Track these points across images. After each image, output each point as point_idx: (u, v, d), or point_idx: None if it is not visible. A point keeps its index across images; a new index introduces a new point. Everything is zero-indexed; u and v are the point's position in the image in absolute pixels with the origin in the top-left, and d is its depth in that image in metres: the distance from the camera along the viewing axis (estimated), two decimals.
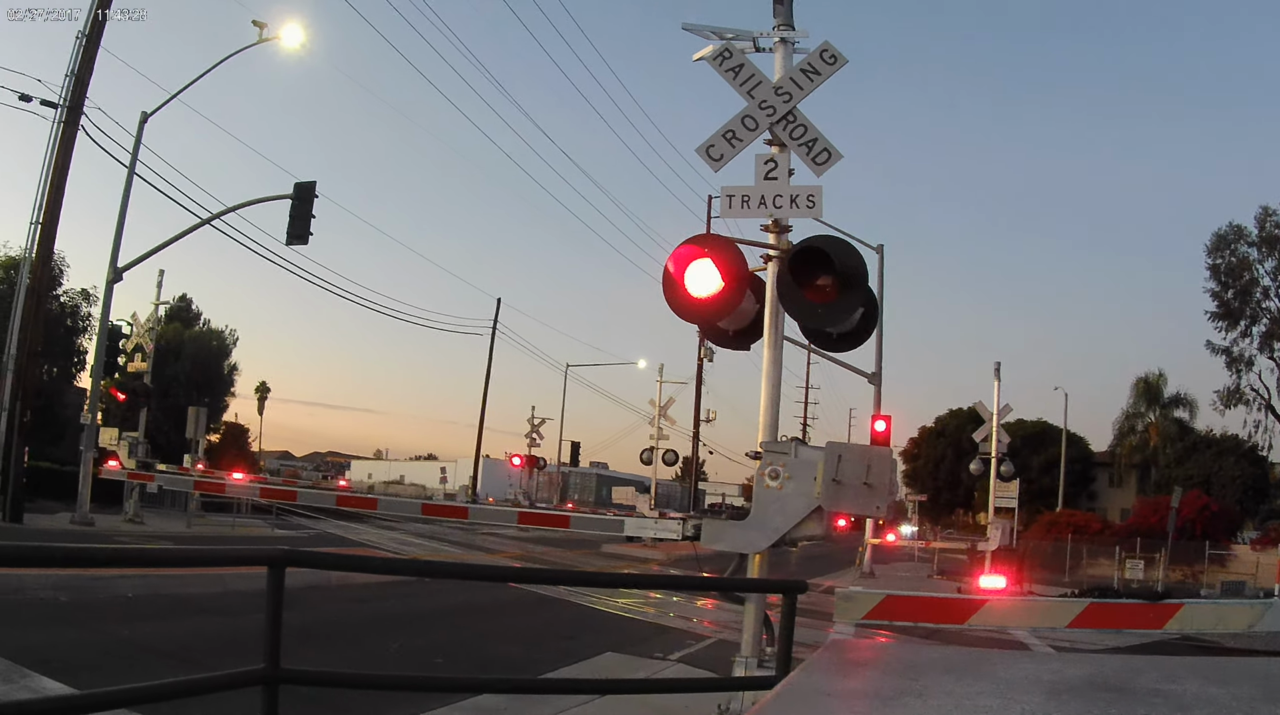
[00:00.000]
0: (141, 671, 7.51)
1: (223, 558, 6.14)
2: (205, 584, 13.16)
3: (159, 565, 12.23)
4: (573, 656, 10.62)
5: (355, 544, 26.85)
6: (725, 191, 7.44)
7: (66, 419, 33.32)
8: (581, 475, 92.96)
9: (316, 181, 23.77)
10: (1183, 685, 3.10)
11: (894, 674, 3.33)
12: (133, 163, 24.73)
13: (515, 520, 17.47)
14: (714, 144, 7.47)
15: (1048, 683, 3.17)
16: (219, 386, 48.70)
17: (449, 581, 16.67)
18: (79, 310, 38.42)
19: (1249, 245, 47.58)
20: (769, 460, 6.69)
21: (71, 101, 22.22)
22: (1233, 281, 48.54)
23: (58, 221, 22.73)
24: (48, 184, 22.28)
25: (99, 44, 22.58)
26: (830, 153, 7.33)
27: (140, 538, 22.02)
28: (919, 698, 2.85)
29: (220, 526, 27.05)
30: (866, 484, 6.44)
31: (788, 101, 7.46)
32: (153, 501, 28.16)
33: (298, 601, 5.25)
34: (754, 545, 6.85)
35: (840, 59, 7.54)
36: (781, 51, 7.77)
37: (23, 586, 11.48)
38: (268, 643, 4.78)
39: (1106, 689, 3.07)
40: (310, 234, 23.71)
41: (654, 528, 8.40)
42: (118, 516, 24.90)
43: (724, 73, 7.70)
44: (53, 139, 22.31)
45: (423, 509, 13.77)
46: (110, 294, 25.00)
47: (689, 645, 12.52)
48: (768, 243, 7.42)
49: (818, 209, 7.26)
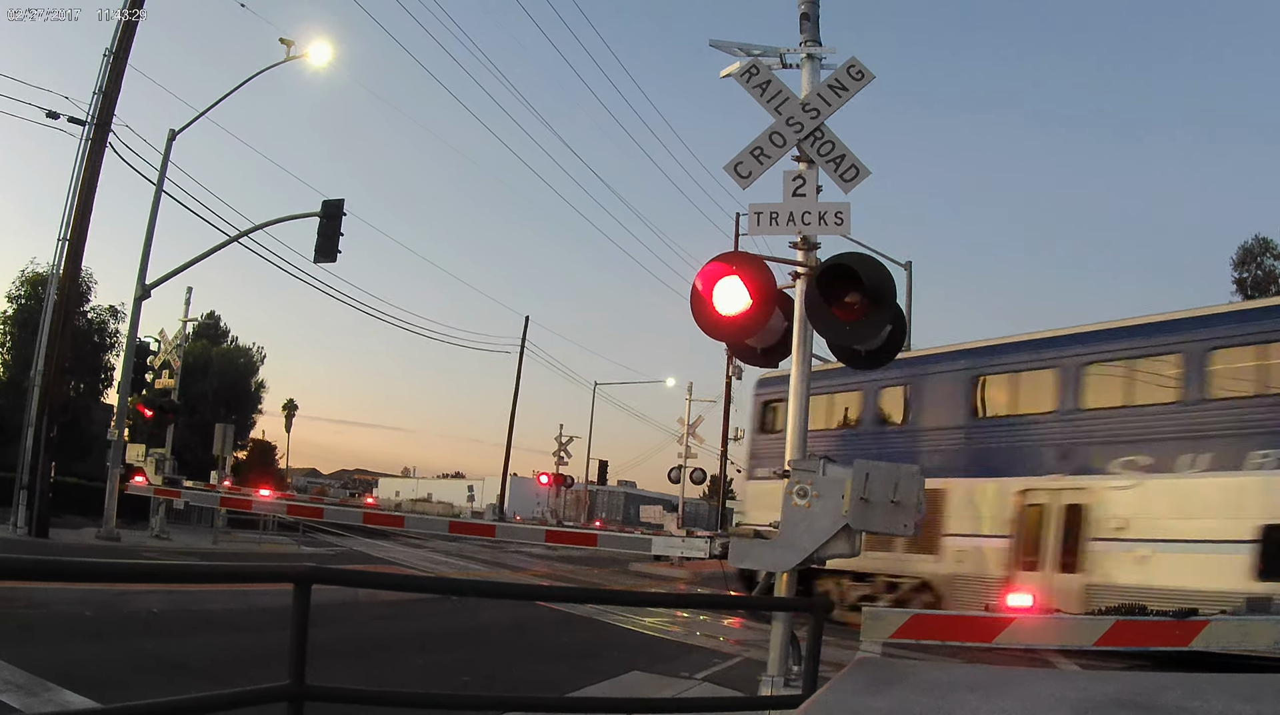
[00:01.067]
0: (166, 687, 7.50)
1: (248, 574, 6.13)
2: (230, 600, 13.17)
3: (184, 581, 12.24)
4: (598, 675, 10.54)
5: (382, 561, 26.91)
6: (753, 208, 7.40)
7: (93, 435, 33.55)
8: (609, 494, 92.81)
9: (344, 199, 23.81)
10: (1209, 702, 3.06)
11: (922, 693, 3.30)
12: (161, 180, 24.94)
13: (543, 538, 17.46)
14: (742, 161, 7.45)
15: (1074, 700, 3.14)
16: (246, 403, 49.00)
17: (476, 599, 16.69)
18: (107, 327, 38.78)
19: (1275, 258, 47.18)
20: (797, 478, 6.64)
21: (99, 118, 22.39)
22: (1259, 296, 48.12)
23: (85, 238, 22.84)
24: (75, 201, 22.43)
25: (126, 61, 22.77)
26: (858, 169, 7.30)
27: (166, 554, 22.10)
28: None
29: (246, 543, 27.14)
30: (894, 502, 6.38)
31: (815, 118, 7.43)
32: (179, 518, 28.32)
33: (324, 618, 5.23)
34: (782, 564, 6.79)
35: (867, 75, 7.50)
36: (809, 68, 7.75)
37: (48, 601, 11.53)
38: (293, 659, 4.76)
39: (1133, 707, 3.06)
40: (339, 252, 23.75)
41: (681, 546, 8.38)
42: (144, 532, 25.02)
43: (751, 89, 7.69)
44: (80, 156, 22.47)
45: (450, 527, 13.80)
46: (138, 311, 25.13)
47: (715, 664, 12.41)
48: (795, 260, 7.38)
49: (846, 226, 7.21)
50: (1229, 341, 15.34)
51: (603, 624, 15.85)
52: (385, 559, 27.85)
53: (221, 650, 10.50)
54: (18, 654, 8.53)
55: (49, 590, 11.62)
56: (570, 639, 14.22)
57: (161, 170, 25.00)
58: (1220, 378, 15.21)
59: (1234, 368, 15.28)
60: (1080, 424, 16.78)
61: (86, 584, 11.64)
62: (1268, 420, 14.44)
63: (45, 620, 10.89)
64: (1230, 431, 14.75)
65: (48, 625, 10.70)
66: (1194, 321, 15.76)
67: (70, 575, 7.11)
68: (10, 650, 8.66)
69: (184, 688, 5.96)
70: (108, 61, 22.53)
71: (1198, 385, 15.36)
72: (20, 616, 10.65)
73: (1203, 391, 15.32)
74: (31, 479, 21.72)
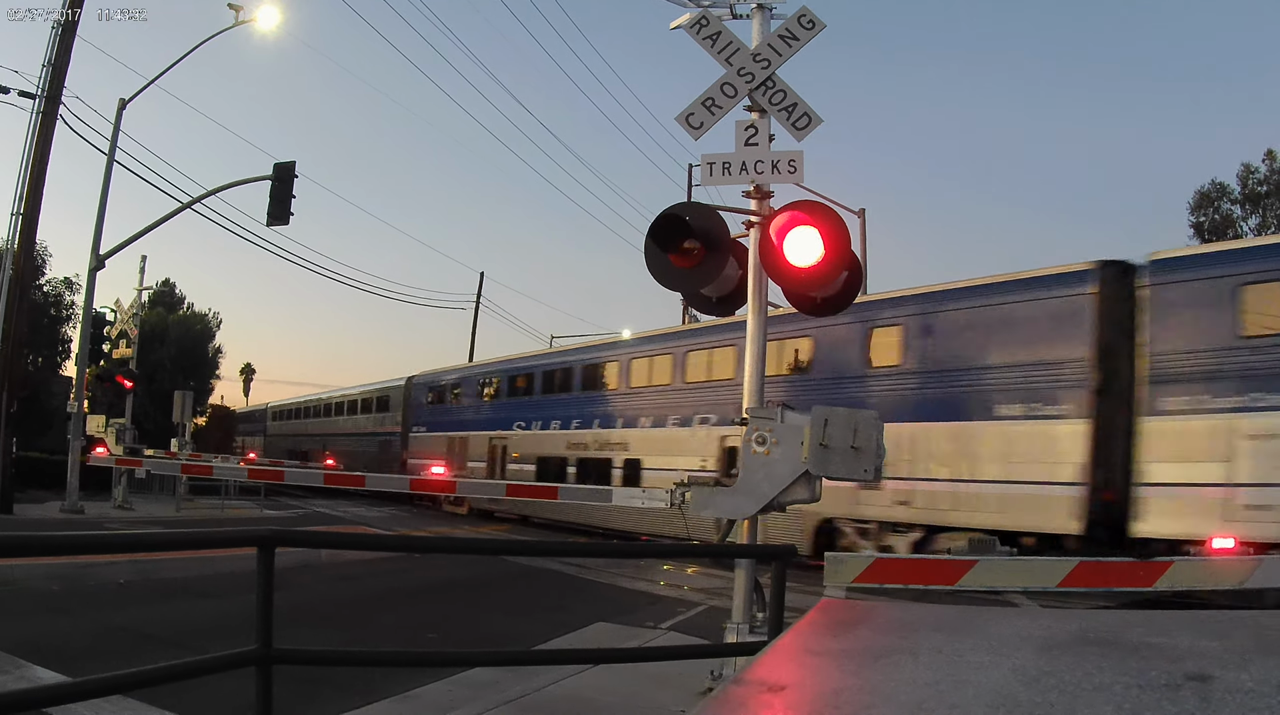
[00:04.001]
0: (136, 657, 7.50)
1: (213, 540, 6.11)
2: (196, 567, 13.15)
3: (149, 550, 12.20)
4: (564, 628, 10.64)
5: (345, 521, 26.94)
6: (706, 159, 7.41)
7: (54, 408, 33.15)
8: None
9: (296, 162, 23.56)
10: (1174, 639, 3.07)
11: (885, 633, 3.33)
12: (112, 150, 24.53)
13: (503, 492, 17.49)
14: (694, 112, 7.45)
15: (1039, 638, 3.17)
16: (204, 370, 48.53)
17: (439, 556, 16.76)
18: (63, 299, 38.18)
19: (1232, 202, 47.61)
20: (755, 426, 6.71)
21: (49, 91, 21.96)
22: (1216, 240, 48.56)
23: (39, 212, 22.49)
24: (27, 175, 22.05)
25: (75, 33, 22.29)
26: (810, 117, 7.32)
27: (130, 523, 21.95)
28: (910, 655, 2.85)
29: (209, 509, 26.96)
30: (854, 447, 6.47)
31: (766, 68, 7.43)
32: (141, 487, 28.05)
33: (288, 582, 5.24)
34: (742, 511, 6.88)
35: (818, 24, 7.50)
36: (759, 18, 7.72)
37: (15, 577, 11.47)
38: (259, 623, 4.78)
39: (1097, 643, 3.08)
40: (291, 214, 23.47)
41: (643, 497, 8.43)
42: (107, 503, 24.82)
43: (701, 40, 7.66)
44: (31, 129, 22.04)
45: (410, 485, 13.77)
46: (93, 281, 24.80)
47: (680, 613, 12.56)
48: (749, 209, 7.41)
49: (799, 174, 7.24)
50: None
51: (569, 577, 15.98)
52: (349, 519, 27.93)
53: (189, 618, 10.51)
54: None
55: (15, 566, 11.55)
56: (537, 593, 14.32)
57: (113, 140, 24.59)
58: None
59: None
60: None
61: (53, 558, 11.59)
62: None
63: (12, 596, 10.86)
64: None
65: (15, 601, 10.66)
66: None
67: (35, 550, 7.06)
68: None
69: (154, 657, 5.96)
70: (56, 34, 22.07)
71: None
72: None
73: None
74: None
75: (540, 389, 29.96)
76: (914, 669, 2.69)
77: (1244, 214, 47.86)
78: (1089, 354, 15.01)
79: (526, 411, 29.93)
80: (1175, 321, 14.06)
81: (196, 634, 9.45)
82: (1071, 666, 2.63)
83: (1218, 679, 2.41)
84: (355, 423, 44.80)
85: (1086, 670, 2.57)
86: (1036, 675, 2.55)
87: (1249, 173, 47.25)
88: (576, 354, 29.59)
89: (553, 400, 28.97)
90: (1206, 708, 2.14)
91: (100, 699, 5.76)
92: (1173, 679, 2.42)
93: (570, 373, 28.58)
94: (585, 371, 27.88)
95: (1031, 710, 2.18)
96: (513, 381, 31.87)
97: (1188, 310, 14.00)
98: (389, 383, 42.12)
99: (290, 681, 5.42)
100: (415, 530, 25.12)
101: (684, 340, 23.99)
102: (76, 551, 11.09)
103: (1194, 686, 2.34)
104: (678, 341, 24.23)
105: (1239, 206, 48.01)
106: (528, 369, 31.37)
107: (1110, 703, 2.22)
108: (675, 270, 7.33)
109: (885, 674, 2.61)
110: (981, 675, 2.58)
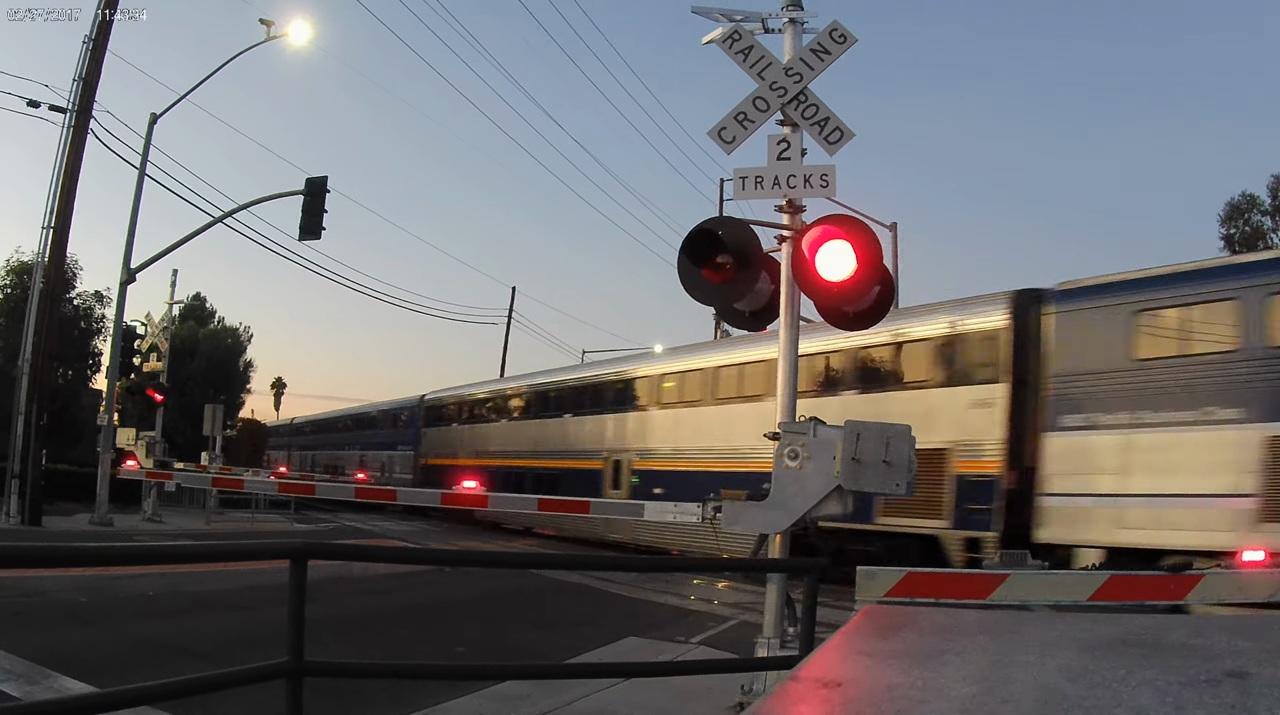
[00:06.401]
0: (165, 669, 7.50)
1: (244, 552, 6.14)
2: (226, 580, 13.16)
3: (179, 562, 12.23)
4: (595, 642, 10.59)
5: (375, 535, 26.99)
6: (738, 173, 7.40)
7: (84, 421, 33.39)
8: None
9: (328, 176, 23.69)
10: (1211, 640, 3.17)
11: (931, 635, 3.35)
12: (143, 164, 24.81)
13: (535, 507, 17.46)
14: (725, 126, 7.43)
15: (1081, 640, 3.23)
16: (235, 383, 48.81)
17: (471, 570, 16.74)
18: (93, 312, 38.47)
19: (1262, 214, 47.24)
20: (788, 440, 6.68)
21: (80, 105, 22.24)
22: (1247, 252, 48.13)
23: (70, 225, 22.75)
24: (59, 189, 22.32)
25: (106, 47, 22.58)
26: (842, 132, 7.29)
27: (159, 536, 22.07)
28: (958, 655, 2.90)
29: (239, 522, 27.10)
30: (886, 462, 6.42)
31: (798, 82, 7.41)
32: (170, 500, 28.22)
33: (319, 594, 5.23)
34: (774, 525, 6.84)
35: (850, 38, 7.48)
36: (791, 32, 7.73)
37: (44, 588, 11.53)
38: (291, 636, 4.77)
39: (1137, 644, 3.19)
40: (323, 229, 23.64)
41: (674, 511, 8.39)
42: (136, 516, 24.98)
43: (734, 55, 7.66)
44: (62, 144, 22.32)
45: (442, 499, 13.76)
46: (124, 295, 25.09)
47: (711, 627, 12.49)
48: (781, 223, 7.39)
49: (831, 188, 7.21)
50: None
51: (598, 591, 15.93)
52: (380, 533, 27.94)
53: (218, 630, 10.51)
54: (15, 642, 8.54)
55: (45, 577, 11.61)
56: (566, 607, 14.28)
57: (144, 154, 24.86)
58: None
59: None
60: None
61: (82, 570, 11.64)
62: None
63: (42, 608, 10.89)
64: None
65: (44, 612, 10.70)
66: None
67: (64, 561, 7.11)
68: (8, 638, 8.66)
69: (183, 669, 5.97)
70: (87, 49, 22.35)
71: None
72: (17, 605, 10.65)
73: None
74: (23, 467, 21.68)
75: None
76: (963, 668, 2.75)
77: (1274, 226, 47.44)
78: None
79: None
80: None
81: (227, 646, 9.44)
82: (1114, 665, 2.71)
83: (1255, 675, 2.48)
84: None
85: (1129, 668, 2.63)
86: (1081, 672, 2.62)
87: (1279, 184, 46.84)
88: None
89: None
90: (1246, 700, 2.21)
91: (129, 710, 5.76)
92: (1212, 675, 2.50)
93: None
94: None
95: (1080, 702, 2.25)
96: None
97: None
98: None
99: (319, 694, 5.40)
100: (445, 544, 25.18)
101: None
102: (106, 563, 11.13)
103: (1233, 682, 2.41)
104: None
105: (1269, 218, 47.61)
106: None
107: (1154, 696, 2.28)
108: (708, 285, 7.32)
109: (935, 671, 2.65)
110: (1028, 673, 2.63)
